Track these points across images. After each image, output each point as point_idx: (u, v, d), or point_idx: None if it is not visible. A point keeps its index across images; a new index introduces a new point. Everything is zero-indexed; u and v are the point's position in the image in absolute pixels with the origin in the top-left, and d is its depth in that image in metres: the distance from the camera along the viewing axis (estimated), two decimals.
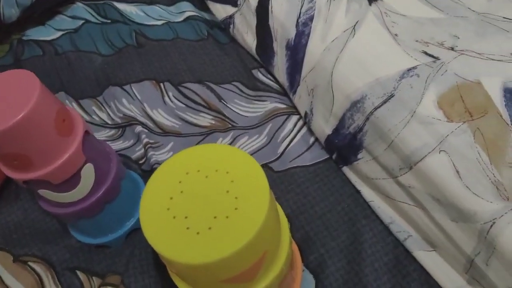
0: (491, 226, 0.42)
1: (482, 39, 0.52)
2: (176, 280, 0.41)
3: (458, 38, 0.52)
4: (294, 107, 0.65)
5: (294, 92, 0.63)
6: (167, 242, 0.34)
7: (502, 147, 0.44)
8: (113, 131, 0.67)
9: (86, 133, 0.47)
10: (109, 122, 0.68)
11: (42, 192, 0.46)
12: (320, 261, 0.51)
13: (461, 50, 0.51)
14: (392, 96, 0.50)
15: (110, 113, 0.68)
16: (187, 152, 0.39)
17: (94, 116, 0.69)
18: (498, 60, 0.50)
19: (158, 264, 0.53)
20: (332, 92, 0.56)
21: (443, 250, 0.48)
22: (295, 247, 0.51)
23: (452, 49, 0.51)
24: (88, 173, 0.47)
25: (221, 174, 0.37)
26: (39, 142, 0.41)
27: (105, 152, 0.51)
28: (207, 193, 0.36)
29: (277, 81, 0.68)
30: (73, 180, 0.46)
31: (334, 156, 0.59)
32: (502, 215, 0.42)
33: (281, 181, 0.57)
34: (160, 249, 0.34)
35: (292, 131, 0.62)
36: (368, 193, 0.55)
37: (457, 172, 0.45)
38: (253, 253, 0.36)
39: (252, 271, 0.37)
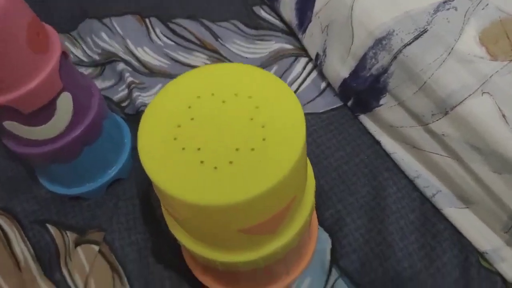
0: None
1: None
2: (177, 232, 0.33)
3: None
4: (303, 48, 0.57)
5: (304, 31, 0.55)
6: (174, 177, 0.27)
7: None
8: (90, 70, 0.57)
9: (64, 55, 0.38)
10: (85, 59, 0.58)
11: (9, 125, 0.37)
12: (337, 218, 0.44)
13: None
14: (425, 31, 0.43)
15: (86, 49, 0.59)
16: (198, 72, 0.31)
17: None
18: None
19: (148, 219, 0.45)
20: (352, 28, 0.48)
21: (479, 207, 0.42)
22: None
23: None
24: (65, 104, 0.38)
25: (242, 99, 0.30)
26: (8, 57, 0.32)
27: (85, 84, 0.43)
28: (225, 121, 0.29)
29: (282, 19, 0.60)
30: (47, 111, 0.37)
31: (350, 103, 0.52)
32: None
33: None
34: (165, 185, 0.26)
35: (301, 74, 0.55)
36: (389, 144, 0.48)
37: (503, 116, 0.39)
38: (283, 195, 0.28)
39: (277, 219, 0.30)
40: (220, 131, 0.28)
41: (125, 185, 0.48)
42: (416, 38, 0.44)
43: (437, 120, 0.43)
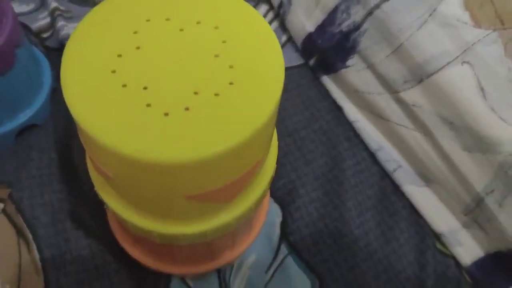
0: None
1: None
2: (105, 194, 0.27)
3: None
4: None
5: None
6: (109, 122, 0.20)
7: None
8: None
9: None
10: None
11: None
12: (290, 189, 0.39)
13: None
14: None
15: None
16: None
17: None
18: None
19: (66, 176, 0.37)
20: None
21: (441, 186, 0.39)
22: None
23: None
24: None
25: (206, 29, 0.23)
26: None
27: None
28: (182, 55, 0.22)
29: None
30: None
31: (312, 62, 0.46)
32: None
33: None
34: (96, 131, 0.19)
35: None
36: (352, 111, 0.44)
37: (482, 89, 0.35)
38: (248, 157, 0.23)
39: (237, 186, 0.24)
40: (175, 67, 0.21)
41: (40, 134, 0.39)
42: None
43: (409, 89, 0.39)
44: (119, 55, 0.21)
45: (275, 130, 0.30)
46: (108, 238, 0.34)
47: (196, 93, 0.21)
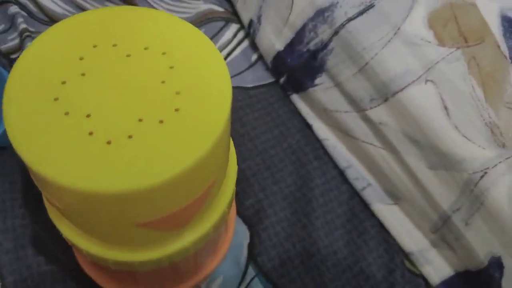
0: (482, 177, 0.34)
1: None
2: (59, 223, 0.26)
3: None
4: (235, 12, 0.51)
5: None
6: (51, 153, 0.19)
7: (500, 83, 0.36)
8: None
9: None
10: None
11: None
12: (258, 209, 0.39)
13: None
14: (371, 6, 0.39)
15: None
16: (98, 13, 0.24)
17: None
18: None
19: (29, 199, 0.36)
20: None
21: (409, 204, 0.39)
22: None
23: None
24: None
25: (153, 54, 0.23)
26: None
27: None
28: (127, 81, 0.22)
29: None
30: None
31: (282, 80, 0.46)
32: (496, 165, 0.34)
33: None
34: (36, 163, 0.19)
35: (230, 42, 0.48)
36: (321, 129, 0.44)
37: (445, 108, 0.36)
38: (196, 183, 0.22)
39: (189, 212, 0.24)
40: (120, 94, 0.21)
41: (4, 157, 0.39)
42: (361, 13, 0.39)
43: (376, 107, 0.39)
44: (63, 82, 0.21)
45: (233, 153, 0.30)
46: (71, 264, 0.34)
47: (140, 120, 0.21)
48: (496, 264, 0.34)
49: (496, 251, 0.34)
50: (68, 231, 0.26)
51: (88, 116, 0.20)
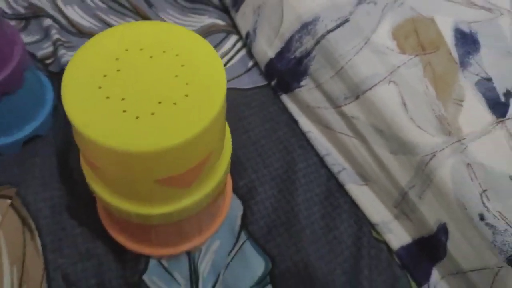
0: (431, 159, 0.42)
1: None
2: (93, 183, 0.34)
3: None
4: (235, 25, 0.59)
5: (237, 9, 0.57)
6: (96, 124, 0.27)
7: (450, 84, 0.44)
8: (13, 23, 0.55)
9: None
10: (9, 11, 0.56)
11: None
12: (251, 187, 0.47)
13: None
14: (347, 20, 0.47)
15: (11, 1, 0.56)
16: (128, 26, 0.32)
17: None
18: (451, 1, 0.49)
19: (63, 176, 0.45)
20: (282, 11, 0.51)
21: (376, 184, 0.47)
22: None
23: None
24: None
25: (169, 56, 0.31)
26: None
27: (8, 31, 0.41)
28: (151, 76, 0.30)
29: None
30: None
31: (273, 83, 0.55)
32: (442, 149, 0.42)
33: None
34: (86, 130, 0.27)
35: (230, 51, 0.57)
36: (306, 123, 0.52)
37: (404, 104, 0.44)
38: (200, 149, 0.30)
39: (193, 173, 0.32)
40: (145, 84, 0.29)
41: (43, 143, 0.47)
42: (338, 26, 0.47)
43: (349, 104, 0.47)
44: (105, 75, 0.29)
45: (228, 138, 0.38)
46: (97, 226, 0.42)
47: (160, 102, 0.29)
48: (443, 229, 0.42)
49: (442, 219, 0.42)
50: (101, 190, 0.34)
51: (122, 99, 0.29)
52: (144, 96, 0.29)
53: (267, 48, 0.54)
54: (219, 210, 0.43)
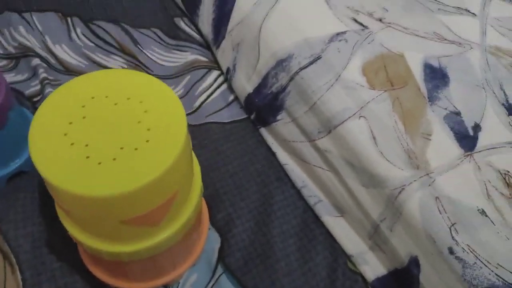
0: (400, 192, 0.43)
1: (409, 15, 0.52)
2: (66, 223, 0.36)
3: (387, 11, 0.53)
4: (216, 61, 0.61)
5: (218, 46, 0.59)
6: (60, 169, 0.29)
7: (418, 118, 0.45)
8: (4, 62, 0.58)
9: None
10: (1, 51, 0.58)
11: None
12: (228, 220, 0.48)
13: (389, 23, 0.51)
14: (319, 58, 0.49)
15: (2, 41, 0.59)
16: (95, 75, 0.34)
17: None
18: (421, 37, 0.51)
19: (45, 212, 0.46)
20: (259, 48, 0.53)
21: (350, 216, 0.48)
22: (203, 203, 0.48)
23: (380, 20, 0.51)
24: None
25: (133, 103, 0.33)
26: None
27: None
28: (115, 122, 0.32)
29: (200, 33, 0.64)
30: None
31: (252, 116, 0.56)
32: (411, 183, 0.42)
33: (195, 136, 0.53)
34: (50, 176, 0.29)
35: (211, 86, 0.59)
36: (283, 156, 0.53)
37: (374, 138, 0.45)
38: (162, 191, 0.32)
39: (158, 213, 0.33)
40: (109, 131, 0.31)
41: (27, 178, 0.49)
42: (311, 63, 0.49)
43: (322, 138, 0.48)
44: (70, 123, 0.31)
45: (198, 174, 0.39)
46: (76, 261, 0.43)
47: (122, 148, 0.30)
48: (414, 262, 0.43)
49: (413, 252, 0.42)
50: (73, 229, 0.35)
51: (86, 145, 0.30)
52: (107, 142, 0.31)
53: (245, 84, 0.55)
54: (195, 244, 0.44)
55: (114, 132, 0.31)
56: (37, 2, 0.63)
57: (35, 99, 0.55)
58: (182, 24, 0.65)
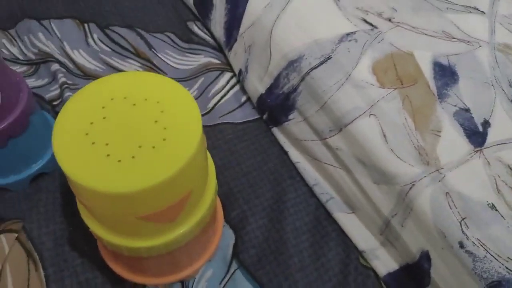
0: (410, 188, 0.43)
1: (418, 14, 0.53)
2: (88, 220, 0.37)
3: (396, 10, 0.53)
4: (229, 64, 0.63)
5: (230, 48, 0.61)
6: (82, 167, 0.31)
7: (427, 115, 0.46)
8: (25, 68, 0.60)
9: None
10: (21, 57, 0.61)
11: None
12: (242, 218, 0.49)
13: (398, 22, 0.52)
14: (329, 58, 0.50)
15: (23, 47, 0.61)
16: (114, 77, 0.36)
17: (3, 50, 0.61)
18: (430, 36, 0.51)
19: (66, 211, 0.48)
20: (270, 50, 0.54)
21: (362, 212, 0.49)
22: (218, 201, 0.49)
23: (390, 20, 0.52)
24: None
25: (150, 103, 0.34)
26: None
27: (14, 80, 0.46)
28: (133, 122, 0.33)
29: (212, 36, 0.66)
30: None
31: (265, 116, 0.57)
32: (421, 178, 0.43)
33: (209, 136, 0.55)
34: (73, 174, 0.30)
35: (224, 87, 0.60)
36: (295, 155, 0.54)
37: (384, 135, 0.46)
38: (178, 188, 0.33)
39: (175, 209, 0.35)
40: (127, 130, 0.33)
41: (48, 179, 0.51)
42: (321, 63, 0.50)
43: (333, 136, 0.49)
44: (91, 123, 0.33)
45: (212, 173, 0.40)
46: (97, 258, 0.44)
47: (140, 146, 0.32)
48: (425, 257, 0.43)
49: (424, 246, 0.43)
50: (94, 226, 0.37)
51: (106, 144, 0.32)
52: (126, 141, 0.32)
53: (257, 85, 0.57)
54: (210, 241, 0.46)
55: (132, 131, 0.33)
56: (56, 10, 0.65)
57: (54, 103, 0.57)
58: (195, 28, 0.67)
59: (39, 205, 0.48)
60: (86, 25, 0.64)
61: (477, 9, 0.54)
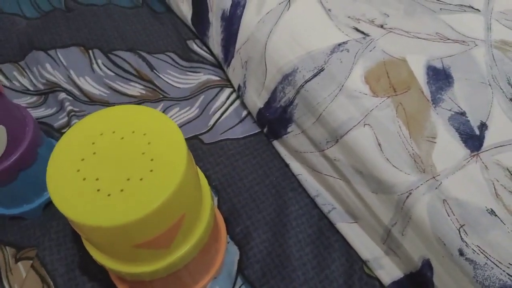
0: (407, 197, 0.43)
1: (410, 18, 0.53)
2: (89, 248, 0.39)
3: (388, 16, 0.53)
4: (228, 79, 0.64)
5: (228, 65, 0.62)
6: (75, 204, 0.32)
7: (422, 122, 0.46)
8: (34, 98, 0.62)
9: None
10: (31, 88, 0.63)
11: None
12: (246, 233, 0.50)
13: (390, 28, 0.52)
14: (322, 70, 0.50)
15: (32, 78, 0.64)
16: (102, 112, 0.37)
17: (14, 82, 0.64)
18: (424, 39, 0.51)
19: (75, 236, 0.50)
20: (265, 64, 0.55)
21: (363, 222, 0.49)
22: (221, 219, 0.50)
23: (382, 26, 0.52)
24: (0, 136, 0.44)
25: (137, 136, 0.36)
26: None
27: (19, 115, 0.48)
28: (121, 155, 0.35)
29: (211, 53, 0.67)
30: None
31: (265, 130, 0.58)
32: (418, 187, 0.43)
33: (211, 153, 0.56)
34: (67, 211, 0.32)
35: (224, 103, 0.61)
36: (296, 167, 0.55)
37: (379, 145, 0.46)
38: (168, 215, 0.34)
39: (168, 235, 0.36)
40: (116, 163, 0.34)
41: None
42: (315, 75, 0.50)
43: (330, 147, 0.50)
44: (82, 159, 0.34)
45: (207, 194, 0.41)
46: (107, 281, 0.46)
47: (128, 179, 0.33)
48: (427, 265, 0.43)
49: (425, 255, 0.43)
50: (96, 254, 0.39)
51: (97, 179, 0.33)
52: (115, 174, 0.33)
53: (256, 99, 0.57)
54: (214, 259, 0.47)
55: (121, 164, 0.34)
56: (61, 38, 0.68)
57: (63, 131, 0.59)
58: (195, 46, 0.68)
59: (51, 232, 0.50)
60: (90, 51, 0.67)
61: (471, 7, 0.54)
